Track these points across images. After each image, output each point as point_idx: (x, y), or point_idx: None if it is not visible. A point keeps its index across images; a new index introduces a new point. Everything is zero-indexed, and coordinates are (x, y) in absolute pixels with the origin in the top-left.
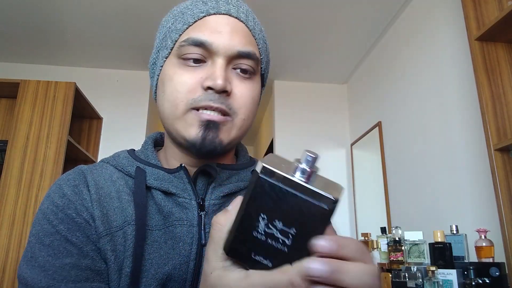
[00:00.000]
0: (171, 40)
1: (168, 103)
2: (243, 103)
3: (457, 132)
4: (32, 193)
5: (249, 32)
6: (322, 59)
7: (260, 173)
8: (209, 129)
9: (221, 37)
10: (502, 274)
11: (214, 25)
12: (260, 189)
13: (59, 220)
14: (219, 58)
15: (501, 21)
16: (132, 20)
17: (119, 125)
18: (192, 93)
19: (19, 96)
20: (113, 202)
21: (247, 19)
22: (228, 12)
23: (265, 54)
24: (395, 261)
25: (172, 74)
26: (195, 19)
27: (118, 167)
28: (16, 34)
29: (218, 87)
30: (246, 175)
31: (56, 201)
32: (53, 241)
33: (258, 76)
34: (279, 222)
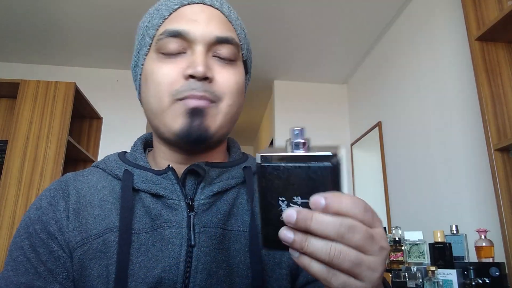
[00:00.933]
0: (149, 36)
1: (152, 98)
2: (227, 89)
3: (457, 132)
4: (32, 193)
5: (226, 19)
6: (322, 59)
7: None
8: (194, 116)
9: (198, 25)
10: (502, 274)
11: (189, 15)
12: (267, 176)
13: (26, 235)
14: (197, 46)
15: (501, 21)
16: (132, 20)
17: (119, 125)
18: (174, 84)
19: (19, 96)
20: (94, 211)
21: (222, 6)
22: (202, 1)
23: (245, 41)
24: (395, 261)
25: (153, 69)
26: (170, 11)
27: (107, 170)
28: (16, 34)
29: (199, 73)
30: (238, 172)
31: (31, 214)
32: (18, 257)
33: (240, 62)
34: (297, 198)
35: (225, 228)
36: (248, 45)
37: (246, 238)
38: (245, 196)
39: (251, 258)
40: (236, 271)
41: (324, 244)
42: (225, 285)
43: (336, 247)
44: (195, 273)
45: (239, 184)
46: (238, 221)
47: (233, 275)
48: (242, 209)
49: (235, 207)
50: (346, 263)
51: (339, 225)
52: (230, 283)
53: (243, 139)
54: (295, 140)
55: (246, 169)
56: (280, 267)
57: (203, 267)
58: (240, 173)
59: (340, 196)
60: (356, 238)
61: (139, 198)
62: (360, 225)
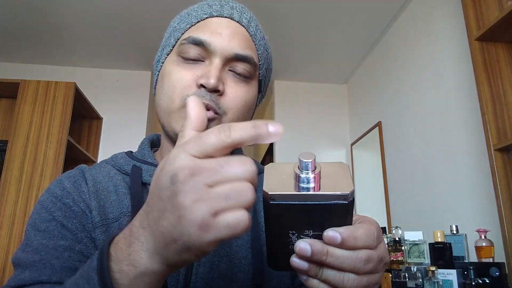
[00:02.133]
0: (174, 38)
1: (165, 97)
2: (234, 105)
3: (457, 132)
4: (32, 193)
5: (249, 37)
6: (322, 59)
7: (269, 200)
8: None
9: (221, 38)
10: (502, 274)
11: (215, 27)
12: (276, 213)
13: (56, 208)
14: (216, 58)
15: (501, 21)
16: (132, 20)
17: (119, 125)
18: (186, 89)
19: (19, 96)
20: (110, 196)
21: (249, 24)
22: (230, 16)
23: (265, 61)
24: (395, 261)
25: (171, 70)
26: (198, 19)
27: (116, 166)
28: (16, 34)
29: (210, 85)
30: None
31: (56, 192)
32: (48, 227)
33: (254, 81)
34: (309, 231)
35: None
36: (268, 65)
37: (248, 235)
38: None
39: (253, 254)
40: (238, 266)
41: (338, 274)
42: (226, 278)
43: (349, 277)
44: (197, 266)
45: None
46: None
47: (235, 269)
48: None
49: None
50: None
51: (355, 260)
52: (231, 277)
53: None
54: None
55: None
56: None
57: (206, 260)
58: None
59: (355, 231)
60: (369, 267)
61: (147, 191)
62: (374, 254)
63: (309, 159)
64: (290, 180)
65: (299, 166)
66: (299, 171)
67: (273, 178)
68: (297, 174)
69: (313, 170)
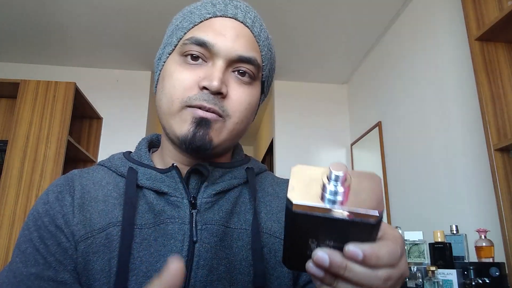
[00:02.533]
0: (176, 37)
1: (165, 99)
2: (238, 107)
3: (457, 132)
4: (32, 193)
5: (253, 38)
6: (322, 59)
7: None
8: (200, 126)
9: (224, 39)
10: (502, 274)
11: (218, 27)
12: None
13: (35, 227)
14: (219, 60)
15: (501, 21)
16: (132, 20)
17: (119, 125)
18: (188, 91)
19: (19, 96)
20: (98, 206)
21: (253, 25)
22: (234, 16)
23: (269, 61)
24: None
25: (173, 70)
26: (201, 19)
27: (112, 168)
28: (16, 34)
29: (213, 88)
30: (240, 173)
31: (39, 208)
32: (26, 249)
33: (258, 82)
34: (330, 241)
35: (228, 226)
36: (271, 65)
37: (248, 236)
38: (247, 195)
39: (253, 256)
40: (238, 268)
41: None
42: (225, 281)
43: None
44: (196, 269)
45: (242, 184)
46: (240, 219)
47: (234, 272)
48: (245, 207)
49: (237, 205)
50: None
51: (374, 278)
52: (231, 280)
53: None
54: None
55: (248, 170)
56: (281, 266)
57: (205, 263)
58: (242, 173)
59: (378, 250)
60: (388, 285)
61: (143, 195)
62: (395, 273)
63: (340, 170)
64: (317, 188)
65: (328, 176)
66: (328, 181)
67: (300, 184)
68: (325, 185)
69: (343, 182)
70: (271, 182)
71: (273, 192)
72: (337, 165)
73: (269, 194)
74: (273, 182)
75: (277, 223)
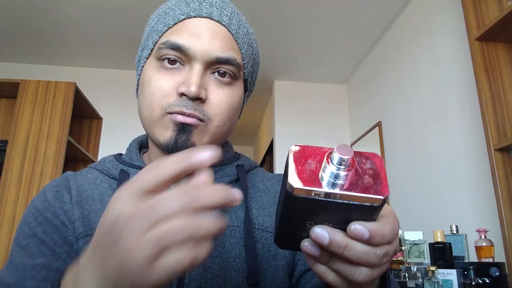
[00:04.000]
0: (152, 41)
1: (146, 106)
2: (219, 110)
3: (457, 132)
4: (32, 193)
5: (231, 37)
6: (322, 59)
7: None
8: (181, 132)
9: (200, 41)
10: (502, 274)
11: (193, 29)
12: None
13: (37, 223)
14: (196, 63)
15: (501, 21)
16: (132, 20)
17: (119, 125)
18: (167, 98)
19: (19, 96)
20: (95, 204)
21: (230, 22)
22: (209, 15)
23: (250, 58)
24: (395, 261)
25: (151, 76)
26: (175, 21)
27: (104, 171)
28: (16, 34)
29: (192, 94)
30: (231, 170)
31: (37, 205)
32: (29, 243)
33: (239, 82)
34: (328, 224)
35: None
36: (254, 61)
37: (241, 233)
38: None
39: (246, 252)
40: (232, 266)
41: (351, 266)
42: (220, 279)
43: (362, 270)
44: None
45: (233, 182)
46: (232, 217)
47: (228, 269)
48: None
49: None
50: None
51: (373, 256)
52: (225, 277)
53: (243, 139)
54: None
55: (239, 167)
56: (275, 259)
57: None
58: (233, 171)
59: (383, 229)
60: (384, 261)
61: None
62: (391, 249)
63: (347, 155)
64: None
65: (332, 158)
66: (332, 165)
67: (300, 166)
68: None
69: (348, 166)
70: (261, 178)
71: (264, 187)
72: (344, 148)
73: (260, 190)
74: (263, 177)
75: (268, 218)
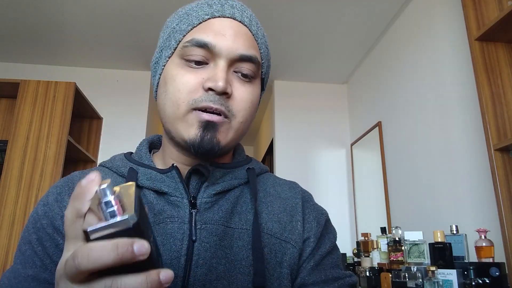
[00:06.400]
0: (175, 40)
1: (170, 103)
2: (243, 106)
3: (457, 132)
4: (32, 193)
5: (252, 37)
6: (322, 59)
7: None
8: (207, 130)
9: (225, 39)
10: (502, 274)
11: (218, 28)
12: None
13: (34, 230)
14: (221, 60)
15: (501, 21)
16: (132, 20)
17: (119, 125)
18: (193, 94)
19: (19, 96)
20: None
21: (251, 23)
22: (232, 15)
23: (266, 59)
24: (395, 261)
25: (175, 74)
26: (200, 20)
27: (113, 169)
28: (16, 34)
29: (219, 88)
30: (241, 173)
31: (38, 210)
32: (26, 250)
33: (258, 80)
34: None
35: (228, 226)
36: (268, 62)
37: (249, 236)
38: (248, 196)
39: (254, 256)
40: (238, 268)
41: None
42: (224, 280)
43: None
44: (195, 267)
45: (243, 184)
46: (241, 220)
47: (234, 271)
48: (246, 207)
49: (238, 205)
50: None
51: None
52: (230, 279)
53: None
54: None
55: (249, 170)
56: (281, 266)
57: (204, 262)
58: (243, 174)
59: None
60: None
61: (143, 195)
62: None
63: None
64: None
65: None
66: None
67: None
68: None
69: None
70: (273, 183)
71: (275, 193)
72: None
73: (271, 195)
74: (275, 183)
75: (278, 224)
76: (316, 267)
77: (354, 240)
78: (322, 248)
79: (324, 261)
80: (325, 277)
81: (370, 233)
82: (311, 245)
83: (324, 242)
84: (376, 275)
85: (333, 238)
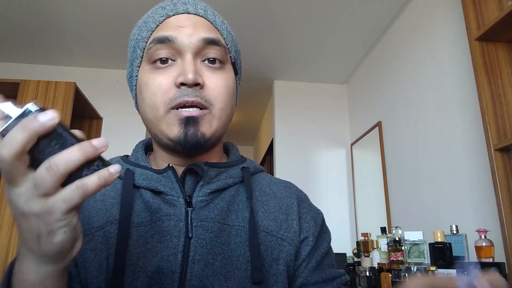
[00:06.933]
0: (140, 49)
1: (148, 108)
2: (218, 93)
3: (457, 132)
4: None
5: (211, 25)
6: (322, 59)
7: None
8: (189, 125)
9: (184, 30)
10: (502, 274)
11: (175, 23)
12: None
13: None
14: (186, 53)
15: (501, 21)
16: (132, 20)
17: (119, 125)
18: (167, 93)
19: (19, 96)
20: (97, 205)
21: (206, 13)
22: (186, 10)
23: (233, 44)
24: (395, 261)
25: (147, 79)
26: (157, 23)
27: None
28: (16, 34)
29: (190, 80)
30: (235, 172)
31: None
32: None
33: (229, 65)
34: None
35: (225, 223)
36: (236, 47)
37: (246, 233)
38: (244, 194)
39: (251, 252)
40: (235, 264)
41: None
42: (221, 276)
43: None
44: (192, 263)
45: (237, 183)
46: (238, 217)
47: (231, 267)
48: (242, 206)
49: (234, 204)
50: None
51: None
52: (227, 275)
53: (243, 139)
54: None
55: (244, 169)
56: (277, 263)
57: (200, 258)
58: (238, 173)
59: None
60: None
61: (140, 195)
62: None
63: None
64: None
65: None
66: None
67: None
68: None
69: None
70: (268, 183)
71: (271, 192)
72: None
73: (267, 194)
74: (270, 182)
75: (274, 222)
76: (317, 267)
77: (354, 240)
78: (320, 247)
79: (323, 261)
80: (325, 276)
81: (370, 233)
82: (310, 244)
83: (322, 242)
84: (376, 275)
85: (329, 238)
